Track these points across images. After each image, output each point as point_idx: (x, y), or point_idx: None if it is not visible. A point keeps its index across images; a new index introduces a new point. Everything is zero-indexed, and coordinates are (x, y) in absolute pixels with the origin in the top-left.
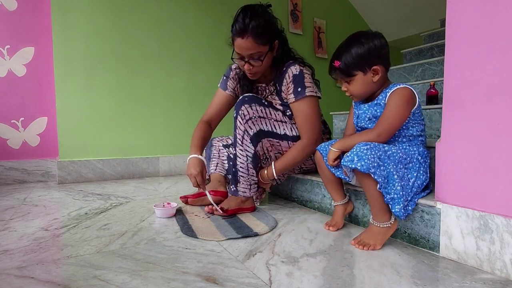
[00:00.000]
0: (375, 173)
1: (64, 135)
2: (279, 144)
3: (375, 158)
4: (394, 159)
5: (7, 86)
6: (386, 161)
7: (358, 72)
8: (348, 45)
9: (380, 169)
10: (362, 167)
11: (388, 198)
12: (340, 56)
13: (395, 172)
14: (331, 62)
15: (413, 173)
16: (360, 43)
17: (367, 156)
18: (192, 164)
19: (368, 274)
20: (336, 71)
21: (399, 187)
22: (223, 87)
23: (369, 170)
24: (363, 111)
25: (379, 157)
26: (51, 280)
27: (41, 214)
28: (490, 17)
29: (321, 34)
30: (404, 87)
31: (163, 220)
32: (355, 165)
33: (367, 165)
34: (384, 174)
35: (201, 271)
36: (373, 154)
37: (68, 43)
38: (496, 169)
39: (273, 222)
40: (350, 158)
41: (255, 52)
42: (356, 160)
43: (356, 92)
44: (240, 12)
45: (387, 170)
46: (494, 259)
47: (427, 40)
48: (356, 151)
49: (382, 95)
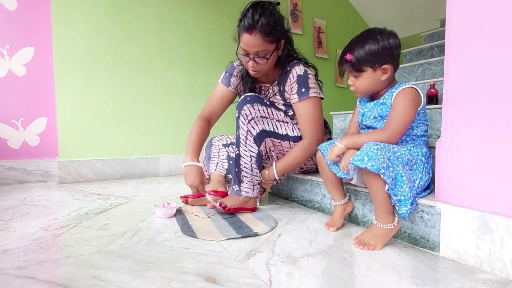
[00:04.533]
0: (385, 174)
1: (64, 135)
2: (281, 144)
3: (385, 159)
4: (402, 160)
5: (7, 86)
6: (395, 162)
7: (368, 69)
8: (363, 40)
9: (389, 170)
10: (372, 167)
11: (395, 199)
12: (353, 49)
13: (403, 174)
14: (343, 54)
15: (418, 174)
16: (376, 40)
17: (377, 156)
18: (190, 173)
19: (368, 274)
20: (346, 64)
21: (407, 189)
22: (226, 83)
23: (379, 170)
24: (368, 109)
25: (389, 158)
26: (51, 280)
27: (41, 214)
28: (490, 17)
29: (321, 34)
30: (410, 87)
31: (163, 220)
32: (365, 165)
33: (377, 166)
34: (392, 175)
35: (201, 271)
36: (383, 155)
37: (68, 43)
38: (496, 169)
39: (273, 222)
40: (360, 157)
41: (261, 49)
42: (366, 160)
43: (362, 88)
44: (250, 8)
45: (396, 172)
46: (494, 259)
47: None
48: (366, 151)
49: (388, 94)
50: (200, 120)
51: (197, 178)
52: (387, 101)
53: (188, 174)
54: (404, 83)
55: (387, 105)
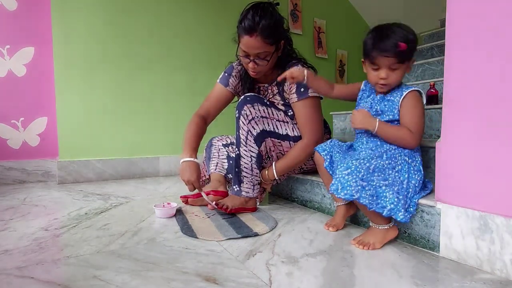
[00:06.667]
0: (360, 197)
1: (64, 135)
2: (281, 144)
3: (358, 181)
4: (379, 170)
5: (7, 86)
6: (370, 178)
7: (406, 61)
8: (407, 31)
9: (365, 190)
10: (345, 196)
11: (386, 211)
12: (407, 40)
13: (381, 183)
14: (395, 41)
15: (404, 174)
16: (413, 34)
17: (349, 183)
18: (187, 168)
19: (368, 274)
20: (396, 53)
21: (392, 195)
22: (224, 83)
23: (352, 196)
24: (375, 101)
25: (362, 178)
26: (51, 280)
27: (41, 214)
28: (490, 17)
29: (321, 34)
30: (417, 91)
31: (163, 220)
32: (339, 195)
33: (350, 192)
34: (370, 193)
35: (201, 271)
36: (355, 179)
37: (68, 43)
38: (496, 169)
39: (273, 222)
40: (335, 187)
41: (262, 51)
42: (340, 189)
43: (395, 82)
44: (250, 9)
45: (374, 187)
46: (494, 259)
47: (427, 40)
48: (338, 178)
49: (397, 92)
50: (196, 118)
51: (194, 174)
52: (395, 99)
53: (185, 169)
54: (411, 86)
55: (395, 102)
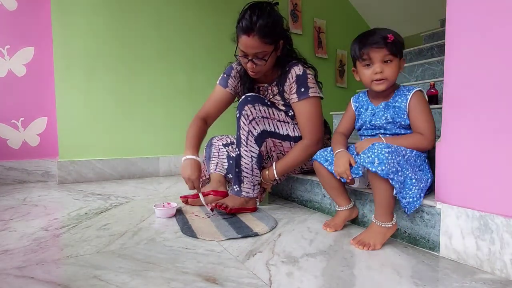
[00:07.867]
0: (393, 179)
1: (64, 135)
2: (281, 145)
3: (395, 163)
4: (410, 162)
5: (7, 86)
6: (405, 165)
7: (397, 56)
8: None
9: (398, 174)
10: (382, 172)
11: (405, 202)
12: (393, 34)
13: (413, 176)
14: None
15: (428, 174)
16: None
17: (388, 161)
18: (189, 166)
19: (368, 274)
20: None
21: (416, 191)
22: (223, 85)
23: (388, 175)
24: (380, 109)
25: (398, 162)
26: (51, 280)
27: (41, 214)
28: (490, 17)
29: (321, 34)
30: (421, 91)
31: (163, 220)
32: (375, 168)
33: (387, 170)
34: (401, 179)
35: (201, 271)
36: (393, 159)
37: (68, 43)
38: (496, 169)
39: (273, 222)
40: (371, 159)
41: (260, 51)
42: (377, 163)
43: (391, 76)
44: (248, 9)
45: (405, 175)
46: (494, 259)
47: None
48: (377, 153)
49: (400, 97)
50: (197, 120)
51: (195, 172)
52: (401, 104)
53: (186, 167)
54: (410, 86)
55: (402, 108)
